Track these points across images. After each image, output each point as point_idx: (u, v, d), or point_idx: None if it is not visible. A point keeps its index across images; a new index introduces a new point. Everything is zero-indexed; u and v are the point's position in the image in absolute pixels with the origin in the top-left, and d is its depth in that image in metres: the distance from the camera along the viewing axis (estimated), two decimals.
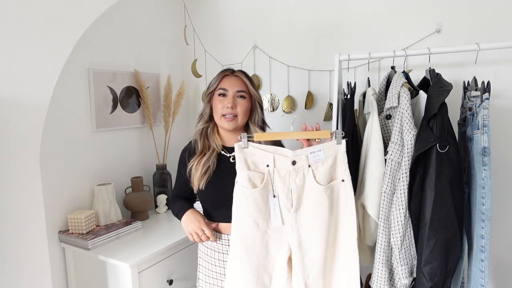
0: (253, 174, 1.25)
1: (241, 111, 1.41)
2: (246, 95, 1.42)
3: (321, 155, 1.25)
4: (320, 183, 1.24)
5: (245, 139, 1.25)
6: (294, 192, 1.25)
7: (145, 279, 1.62)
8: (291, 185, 1.25)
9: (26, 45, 1.34)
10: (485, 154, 1.23)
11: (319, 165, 1.25)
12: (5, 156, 1.34)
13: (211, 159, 1.40)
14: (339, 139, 1.26)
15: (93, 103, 1.92)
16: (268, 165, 1.25)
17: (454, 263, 1.26)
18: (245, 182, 1.25)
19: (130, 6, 2.12)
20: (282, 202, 1.26)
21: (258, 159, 1.26)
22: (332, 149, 1.26)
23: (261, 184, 1.25)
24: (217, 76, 1.45)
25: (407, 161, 1.30)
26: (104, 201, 1.86)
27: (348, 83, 1.62)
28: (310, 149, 1.25)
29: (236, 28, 2.29)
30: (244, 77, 1.44)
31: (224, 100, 1.40)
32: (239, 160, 1.25)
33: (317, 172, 1.25)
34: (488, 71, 1.61)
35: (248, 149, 1.26)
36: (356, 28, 1.92)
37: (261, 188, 1.25)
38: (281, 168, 1.25)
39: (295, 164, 1.25)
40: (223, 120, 1.40)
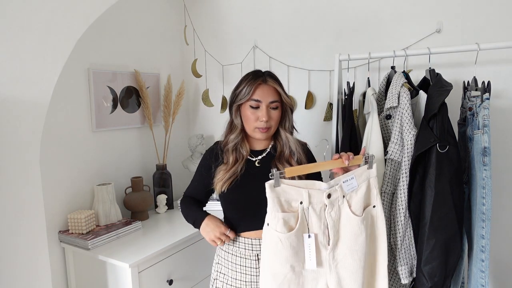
0: (288, 215, 1.14)
1: (274, 122, 1.35)
2: (279, 105, 1.35)
3: (354, 182, 1.17)
4: (356, 213, 1.17)
5: (277, 177, 1.11)
6: (331, 228, 1.16)
7: (145, 279, 1.62)
8: (327, 220, 1.16)
9: (26, 45, 1.34)
10: (486, 154, 1.23)
11: (353, 194, 1.18)
12: (5, 156, 1.33)
13: (239, 167, 1.36)
14: (371, 163, 1.20)
15: (93, 103, 1.92)
16: (301, 202, 1.14)
17: (454, 263, 1.25)
18: (280, 226, 1.13)
19: (130, 6, 2.12)
20: (319, 241, 1.16)
21: (291, 196, 1.14)
22: (364, 175, 1.19)
23: (296, 225, 1.14)
24: (249, 85, 1.33)
25: (407, 161, 1.30)
26: (104, 201, 1.86)
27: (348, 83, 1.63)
28: (342, 178, 1.17)
29: (236, 28, 2.29)
30: (277, 85, 1.35)
31: (257, 112, 1.32)
32: (272, 201, 1.13)
33: (352, 202, 1.18)
34: (488, 71, 1.61)
35: (280, 187, 1.13)
36: (356, 28, 1.92)
37: (296, 230, 1.14)
38: (316, 203, 1.15)
39: (330, 197, 1.15)
40: (257, 132, 1.34)
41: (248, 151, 1.40)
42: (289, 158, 1.36)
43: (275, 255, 1.15)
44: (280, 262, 1.15)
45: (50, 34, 1.40)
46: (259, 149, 1.42)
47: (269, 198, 1.14)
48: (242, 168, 1.36)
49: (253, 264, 1.33)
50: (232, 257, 1.37)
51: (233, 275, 1.37)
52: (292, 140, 1.38)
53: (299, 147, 1.38)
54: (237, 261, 1.36)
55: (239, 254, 1.36)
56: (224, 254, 1.40)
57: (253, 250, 1.33)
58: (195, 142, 2.31)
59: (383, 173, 1.37)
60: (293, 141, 1.38)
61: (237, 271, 1.36)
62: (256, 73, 1.37)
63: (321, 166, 1.21)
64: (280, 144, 1.39)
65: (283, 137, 1.38)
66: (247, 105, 1.34)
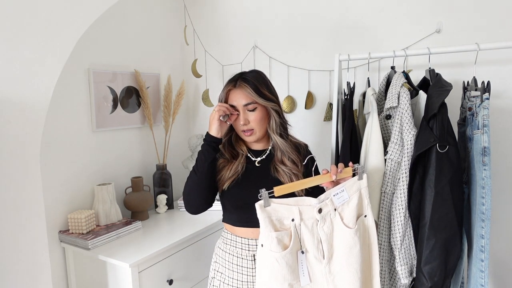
0: (281, 234, 1.14)
1: (255, 124, 1.32)
2: (255, 106, 1.32)
3: (345, 195, 1.18)
4: (349, 225, 1.17)
5: (266, 197, 1.12)
6: (324, 242, 1.17)
7: (145, 279, 1.62)
8: (320, 235, 1.17)
9: (26, 45, 1.34)
10: (485, 154, 1.23)
11: (345, 206, 1.18)
12: (5, 156, 1.33)
13: (240, 164, 1.36)
14: (361, 174, 1.20)
15: (93, 103, 1.92)
16: (293, 219, 1.15)
17: (453, 263, 1.26)
18: (275, 246, 1.13)
19: (131, 6, 2.12)
20: (313, 255, 1.17)
21: (282, 215, 1.15)
22: (355, 186, 1.20)
23: (290, 242, 1.15)
24: (222, 91, 1.36)
25: (407, 161, 1.30)
26: (104, 201, 1.86)
27: (348, 83, 1.63)
28: (332, 191, 1.18)
29: (236, 28, 2.29)
30: (247, 87, 1.30)
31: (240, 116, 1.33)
32: (263, 221, 1.13)
33: (344, 214, 1.18)
34: (488, 71, 1.61)
35: (270, 207, 1.14)
36: (356, 28, 1.92)
37: (291, 248, 1.15)
38: (308, 219, 1.16)
39: (321, 212, 1.16)
40: (243, 135, 1.36)
41: (245, 150, 1.40)
42: (283, 159, 1.35)
43: (273, 275, 1.15)
44: (278, 281, 1.15)
45: (50, 34, 1.40)
46: (259, 150, 1.43)
47: (261, 218, 1.14)
48: (243, 167, 1.36)
49: (249, 264, 1.34)
50: (229, 256, 1.38)
51: (230, 275, 1.37)
52: (280, 142, 1.35)
53: (290, 148, 1.36)
54: (233, 261, 1.37)
55: (236, 254, 1.36)
56: (222, 253, 1.41)
57: (250, 250, 1.34)
58: (195, 142, 2.31)
59: (383, 173, 1.37)
60: (281, 142, 1.35)
61: (234, 270, 1.36)
62: (232, 78, 1.36)
63: (309, 182, 1.20)
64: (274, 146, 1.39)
65: (273, 139, 1.37)
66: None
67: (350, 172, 1.21)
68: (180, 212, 2.18)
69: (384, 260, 1.39)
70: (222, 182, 1.36)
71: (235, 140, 1.42)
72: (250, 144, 1.43)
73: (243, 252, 1.35)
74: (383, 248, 1.39)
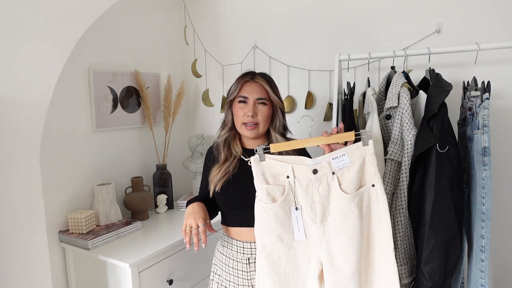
0: (272, 188, 1.19)
1: (262, 118, 1.36)
2: (267, 102, 1.36)
3: (346, 159, 1.15)
4: (346, 191, 1.15)
5: (261, 151, 1.18)
6: (318, 203, 1.17)
7: (145, 279, 1.62)
8: (314, 195, 1.18)
9: (26, 45, 1.34)
10: (485, 154, 1.23)
11: (345, 171, 1.16)
12: (5, 156, 1.34)
13: (231, 166, 1.38)
14: (366, 140, 1.15)
15: (93, 103, 1.92)
16: (288, 176, 1.18)
17: (454, 263, 1.25)
18: (264, 197, 1.19)
19: (130, 6, 2.12)
20: (307, 213, 1.19)
21: (277, 171, 1.19)
22: (357, 152, 1.15)
23: (281, 197, 1.18)
24: (236, 82, 1.39)
25: (407, 161, 1.30)
26: (104, 201, 1.86)
27: (348, 83, 1.63)
28: (332, 154, 1.16)
29: (236, 28, 2.29)
30: (264, 82, 1.37)
31: (245, 107, 1.35)
32: (257, 174, 1.19)
33: (343, 179, 1.16)
34: (488, 71, 1.61)
35: (265, 161, 1.19)
36: (356, 28, 1.92)
37: (281, 202, 1.18)
38: (302, 178, 1.18)
39: (316, 172, 1.16)
40: (244, 128, 1.36)
41: (240, 150, 1.41)
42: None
43: (262, 225, 1.21)
44: (266, 232, 1.20)
45: (50, 34, 1.40)
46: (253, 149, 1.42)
47: (254, 171, 1.19)
48: (235, 168, 1.38)
49: (244, 267, 1.36)
50: (226, 259, 1.41)
51: (226, 277, 1.40)
52: (281, 140, 1.38)
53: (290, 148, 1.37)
54: (230, 264, 1.39)
55: (232, 257, 1.39)
56: (220, 256, 1.44)
57: (244, 253, 1.36)
58: (195, 142, 2.31)
59: (383, 173, 1.37)
60: (281, 141, 1.38)
61: (230, 273, 1.39)
62: (248, 72, 1.42)
63: (307, 143, 1.21)
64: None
65: (273, 137, 1.40)
66: (236, 101, 1.38)
67: (353, 136, 1.16)
68: (180, 212, 2.18)
69: None
70: (213, 183, 1.37)
71: (233, 139, 1.43)
72: (246, 143, 1.44)
73: (238, 255, 1.37)
74: None
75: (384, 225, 1.17)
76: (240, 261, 1.37)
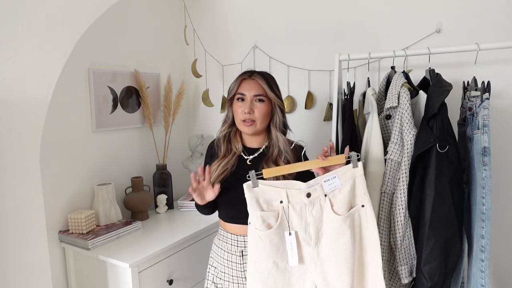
0: (267, 214, 1.20)
1: (259, 115, 1.37)
2: (264, 99, 1.38)
3: (337, 182, 1.18)
4: (338, 212, 1.17)
5: (253, 178, 1.19)
6: (311, 226, 1.19)
7: (145, 279, 1.62)
8: (308, 218, 1.19)
9: (26, 45, 1.34)
10: (485, 154, 1.23)
11: (336, 192, 1.18)
12: (5, 156, 1.33)
13: (230, 162, 1.40)
14: (355, 162, 1.18)
15: (93, 103, 1.92)
16: (281, 201, 1.20)
17: (453, 263, 1.25)
18: (259, 224, 1.20)
19: (130, 6, 2.12)
20: (301, 237, 1.20)
21: (271, 196, 1.20)
22: (348, 174, 1.18)
23: (276, 223, 1.20)
24: (235, 80, 1.42)
25: (407, 161, 1.30)
26: (104, 201, 1.86)
27: (348, 83, 1.63)
28: (323, 177, 1.18)
29: (236, 28, 2.29)
30: (261, 80, 1.39)
31: (243, 105, 1.38)
32: (250, 201, 1.20)
33: (335, 201, 1.18)
34: (488, 71, 1.61)
35: (258, 188, 1.20)
36: (356, 28, 1.92)
37: (276, 228, 1.20)
38: (296, 203, 1.19)
39: (310, 196, 1.18)
40: (243, 125, 1.39)
41: (240, 147, 1.44)
42: (277, 158, 1.39)
43: (257, 252, 1.22)
44: (262, 258, 1.22)
45: (50, 34, 1.40)
46: (254, 147, 1.46)
47: (247, 198, 1.20)
48: (234, 165, 1.41)
49: (238, 260, 1.40)
50: (221, 252, 1.45)
51: (221, 269, 1.44)
52: (282, 139, 1.39)
53: (288, 147, 1.39)
54: (225, 256, 1.43)
55: (227, 249, 1.42)
56: (216, 249, 1.48)
57: (238, 246, 1.39)
58: (195, 142, 2.31)
59: (383, 173, 1.37)
60: (282, 140, 1.39)
61: (225, 265, 1.43)
62: (247, 70, 1.44)
63: (298, 167, 1.23)
64: (271, 143, 1.42)
65: (273, 135, 1.41)
66: (235, 99, 1.41)
67: (343, 159, 1.20)
68: (180, 212, 2.18)
69: (384, 260, 1.39)
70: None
71: (234, 136, 1.46)
72: (246, 141, 1.46)
73: (233, 248, 1.40)
74: (383, 248, 1.39)
75: (374, 245, 1.20)
76: (234, 253, 1.40)
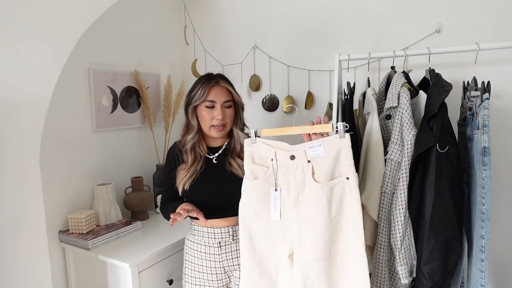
0: (257, 167, 1.30)
1: (229, 120, 1.48)
2: (231, 104, 1.48)
3: (321, 150, 1.20)
4: (318, 180, 1.20)
5: (253, 136, 1.31)
6: (293, 188, 1.24)
7: (145, 279, 1.62)
8: (290, 180, 1.25)
9: (26, 45, 1.34)
10: (485, 154, 1.23)
11: (319, 160, 1.20)
12: (5, 156, 1.34)
13: (199, 165, 1.47)
14: (342, 132, 1.17)
15: (93, 103, 1.92)
16: (272, 159, 1.28)
17: (453, 263, 1.25)
18: (248, 174, 1.31)
19: (130, 6, 2.12)
20: (285, 197, 1.26)
21: (264, 153, 1.29)
22: (334, 144, 1.18)
23: (263, 176, 1.28)
24: (202, 87, 1.44)
25: (407, 161, 1.30)
26: (104, 201, 1.86)
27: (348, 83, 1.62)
28: (309, 143, 1.22)
29: (236, 28, 2.29)
30: (228, 85, 1.48)
31: (213, 111, 1.44)
32: (246, 154, 1.31)
33: (317, 169, 1.21)
34: (488, 71, 1.61)
35: (256, 144, 1.31)
36: (356, 28, 1.92)
37: (262, 181, 1.28)
38: (282, 163, 1.26)
39: (293, 158, 1.24)
40: (214, 130, 1.46)
41: (205, 150, 1.51)
42: (240, 152, 1.49)
43: (243, 199, 1.33)
44: (247, 205, 1.31)
45: (50, 34, 1.40)
46: (216, 146, 1.53)
47: (245, 151, 1.32)
48: (202, 166, 1.48)
49: (216, 251, 1.47)
50: (197, 246, 1.50)
51: (199, 262, 1.50)
52: (242, 136, 1.49)
53: None
54: (202, 249, 1.49)
55: (204, 243, 1.48)
56: (191, 244, 1.53)
57: (216, 238, 1.47)
58: None
59: (383, 173, 1.37)
60: (242, 137, 1.48)
61: (202, 258, 1.49)
62: (209, 76, 1.49)
63: (291, 130, 1.29)
64: (233, 140, 1.51)
65: (235, 134, 1.51)
66: (202, 106, 1.45)
67: (330, 128, 1.22)
68: None
69: (384, 260, 1.39)
70: (182, 183, 1.45)
71: (198, 142, 1.51)
72: (210, 142, 1.54)
73: (210, 241, 1.47)
74: (383, 248, 1.39)
75: (356, 220, 1.18)
76: (211, 245, 1.47)
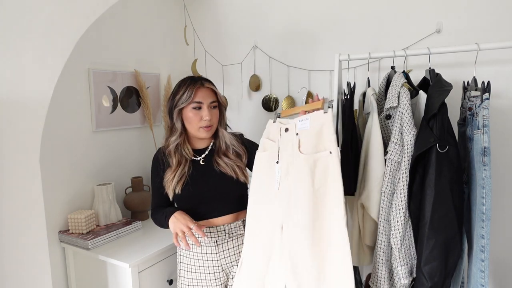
0: (268, 141, 1.38)
1: (215, 120, 1.50)
2: (216, 104, 1.51)
3: (307, 124, 1.25)
4: (302, 152, 1.24)
5: (275, 116, 1.41)
6: (285, 159, 1.29)
7: (145, 279, 1.62)
8: (285, 152, 1.30)
9: (26, 45, 1.34)
10: (485, 154, 1.23)
11: (305, 134, 1.25)
12: (5, 156, 1.34)
13: (186, 168, 1.47)
14: (326, 108, 1.24)
15: (93, 103, 1.92)
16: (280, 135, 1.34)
17: (453, 263, 1.25)
18: (261, 147, 1.40)
19: (130, 6, 2.12)
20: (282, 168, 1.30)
21: (276, 130, 1.37)
22: (320, 119, 1.23)
23: (270, 150, 1.35)
24: (189, 89, 1.44)
25: (407, 161, 1.30)
26: (104, 201, 1.86)
27: (348, 83, 1.63)
28: (300, 117, 1.28)
29: (236, 28, 2.29)
30: (213, 86, 1.50)
31: (200, 112, 1.45)
32: (265, 131, 1.41)
33: (303, 141, 1.26)
34: (488, 71, 1.61)
35: (275, 122, 1.39)
36: (356, 28, 1.92)
37: (267, 153, 1.36)
38: (284, 137, 1.32)
39: (287, 131, 1.31)
40: (202, 131, 1.47)
41: (190, 151, 1.50)
42: (226, 151, 1.52)
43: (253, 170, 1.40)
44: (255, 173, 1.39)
45: (50, 34, 1.40)
46: (202, 148, 1.53)
47: (265, 130, 1.40)
48: (189, 169, 1.48)
49: (213, 250, 1.47)
50: (192, 246, 1.49)
51: (195, 263, 1.49)
52: (227, 135, 1.53)
53: (234, 139, 1.54)
54: (197, 250, 1.48)
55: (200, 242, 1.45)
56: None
57: (212, 237, 1.47)
58: None
59: (383, 173, 1.37)
60: (227, 136, 1.53)
61: (199, 258, 1.48)
62: (193, 78, 1.51)
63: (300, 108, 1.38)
64: (218, 140, 1.53)
65: (220, 133, 1.54)
66: (189, 108, 1.45)
67: (320, 104, 1.29)
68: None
69: (384, 260, 1.39)
70: (172, 187, 1.44)
71: (183, 144, 1.50)
72: (195, 144, 1.54)
73: (206, 240, 1.47)
74: (383, 248, 1.39)
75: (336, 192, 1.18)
76: (208, 245, 1.47)
